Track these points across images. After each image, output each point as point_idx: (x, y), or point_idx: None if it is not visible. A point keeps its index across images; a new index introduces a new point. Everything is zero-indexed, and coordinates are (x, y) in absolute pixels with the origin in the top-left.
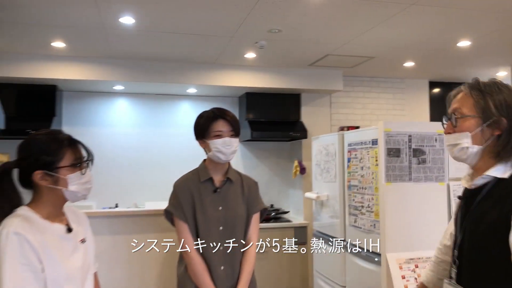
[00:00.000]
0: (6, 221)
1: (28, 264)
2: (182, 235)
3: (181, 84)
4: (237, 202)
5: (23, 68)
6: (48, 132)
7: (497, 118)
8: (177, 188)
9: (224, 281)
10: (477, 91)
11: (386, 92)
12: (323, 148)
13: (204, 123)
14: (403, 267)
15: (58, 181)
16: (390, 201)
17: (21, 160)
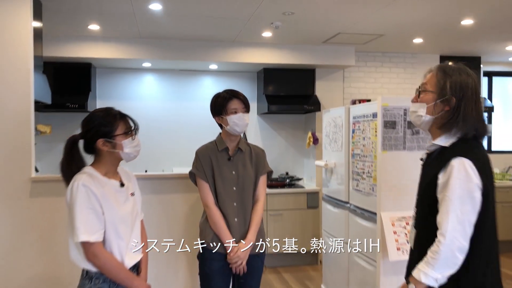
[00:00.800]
0: (76, 177)
1: (92, 208)
2: (204, 192)
3: (203, 61)
4: (247, 167)
5: (63, 48)
6: (103, 109)
7: (449, 97)
8: (199, 154)
9: (237, 229)
10: (442, 72)
11: (397, 66)
12: (332, 120)
13: (222, 102)
14: (395, 224)
15: (116, 146)
16: (386, 167)
17: (86, 132)
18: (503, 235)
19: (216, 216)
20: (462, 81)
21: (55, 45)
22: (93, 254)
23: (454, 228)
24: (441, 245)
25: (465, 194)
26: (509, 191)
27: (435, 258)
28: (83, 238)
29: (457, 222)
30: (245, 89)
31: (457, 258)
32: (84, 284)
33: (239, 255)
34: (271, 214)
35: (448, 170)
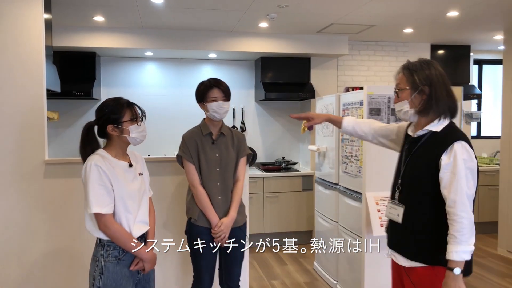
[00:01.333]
0: (90, 157)
1: (103, 184)
2: (190, 173)
3: (203, 50)
4: (229, 150)
5: (70, 38)
6: (114, 99)
7: (422, 88)
8: (186, 138)
9: (220, 206)
10: (408, 70)
11: (389, 55)
12: (324, 107)
13: (203, 90)
14: (379, 203)
15: (123, 131)
16: (371, 151)
17: (98, 119)
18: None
19: (202, 195)
20: (427, 72)
21: (62, 35)
22: (104, 224)
23: (466, 203)
24: (464, 219)
25: (468, 172)
26: (495, 174)
27: (464, 234)
28: (95, 210)
29: (466, 197)
30: (243, 77)
31: (474, 227)
32: (97, 250)
33: (222, 229)
34: (267, 196)
35: (452, 152)
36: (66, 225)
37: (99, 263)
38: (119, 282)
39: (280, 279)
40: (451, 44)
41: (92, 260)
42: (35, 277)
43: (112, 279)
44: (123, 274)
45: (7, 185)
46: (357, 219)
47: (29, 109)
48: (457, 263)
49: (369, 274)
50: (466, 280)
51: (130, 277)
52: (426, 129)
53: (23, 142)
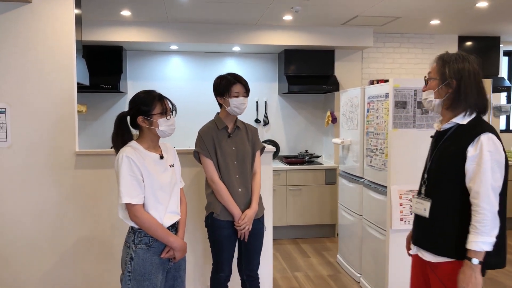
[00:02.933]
0: (122, 149)
1: (134, 176)
2: (209, 169)
3: (227, 43)
4: (244, 143)
5: (97, 32)
6: (146, 91)
7: (449, 80)
8: (202, 134)
9: (241, 198)
10: (441, 60)
11: (415, 47)
12: (348, 100)
13: (226, 84)
14: (402, 197)
15: (152, 123)
16: (396, 144)
17: (130, 109)
18: None
19: (223, 190)
20: (459, 66)
21: (90, 30)
22: (134, 214)
23: (490, 195)
24: (486, 211)
25: (495, 164)
26: None
27: (485, 225)
28: (126, 200)
29: (491, 189)
30: (266, 70)
31: (498, 219)
32: (129, 236)
33: (246, 222)
34: (290, 189)
35: (478, 144)
36: (96, 214)
37: (130, 249)
38: (148, 268)
39: (303, 271)
40: (479, 36)
41: (124, 246)
42: (67, 264)
43: (142, 265)
44: (153, 261)
45: (40, 175)
46: (381, 212)
47: (61, 102)
48: (476, 254)
49: (393, 267)
50: (494, 276)
51: (160, 264)
52: (452, 122)
53: (55, 134)
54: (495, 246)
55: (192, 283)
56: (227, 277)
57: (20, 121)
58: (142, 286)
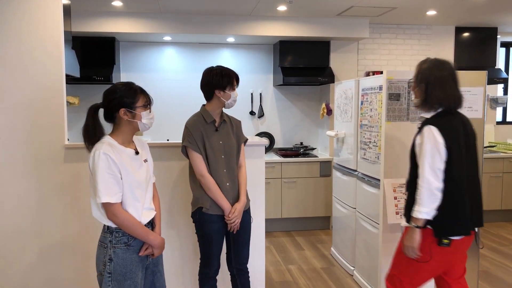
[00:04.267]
0: (97, 146)
1: (112, 173)
2: (198, 163)
3: (221, 34)
4: (230, 137)
5: (88, 23)
6: (125, 83)
7: (421, 84)
8: (190, 127)
9: (230, 192)
10: (418, 66)
11: (411, 38)
12: (343, 92)
13: (228, 78)
14: (396, 190)
15: (135, 116)
16: (389, 137)
17: (108, 102)
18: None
19: (212, 184)
20: (427, 72)
21: (81, 20)
22: (113, 213)
23: (426, 175)
24: (421, 187)
25: (434, 149)
26: None
27: (421, 198)
28: (105, 199)
29: (430, 169)
30: (261, 61)
31: (435, 195)
32: (105, 237)
33: (236, 215)
34: (285, 181)
35: (421, 135)
36: (86, 209)
37: (108, 250)
38: (129, 267)
39: (297, 264)
40: (477, 26)
41: (99, 246)
42: (55, 260)
43: (122, 265)
44: (133, 260)
45: (27, 169)
46: (375, 206)
47: (49, 94)
48: (415, 220)
49: (386, 261)
50: (487, 269)
51: (139, 262)
52: (421, 116)
53: (43, 127)
54: (447, 217)
55: (181, 279)
56: (216, 271)
57: (7, 114)
58: (123, 285)
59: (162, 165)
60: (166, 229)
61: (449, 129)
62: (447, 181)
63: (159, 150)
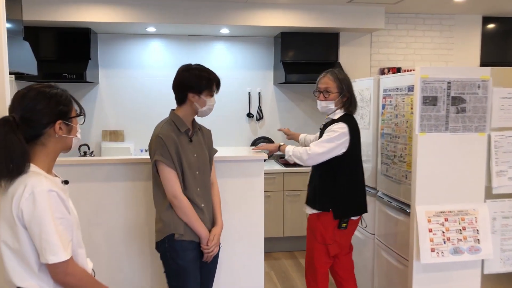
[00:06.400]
0: (27, 180)
1: (62, 217)
2: (172, 182)
3: (213, 24)
4: (203, 148)
5: (58, 11)
6: (45, 86)
7: (345, 93)
8: (164, 138)
9: (206, 215)
10: (337, 79)
11: (432, 29)
12: (357, 93)
13: (208, 81)
14: (431, 220)
15: (71, 130)
16: (423, 152)
17: (34, 112)
18: None
19: (188, 206)
20: (349, 82)
21: (49, 7)
22: (66, 272)
23: (316, 151)
24: (304, 154)
25: (335, 138)
26: None
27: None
28: (63, 256)
29: (319, 148)
30: (260, 56)
31: (302, 160)
32: None
33: (215, 242)
34: (287, 194)
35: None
36: None
37: None
38: None
39: None
40: (506, 16)
41: None
42: None
43: None
44: None
45: None
46: (401, 236)
47: None
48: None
49: None
50: None
51: None
52: (329, 118)
53: None
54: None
55: None
56: None
57: None
58: None
59: (122, 187)
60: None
61: (354, 127)
62: (349, 170)
63: (116, 168)
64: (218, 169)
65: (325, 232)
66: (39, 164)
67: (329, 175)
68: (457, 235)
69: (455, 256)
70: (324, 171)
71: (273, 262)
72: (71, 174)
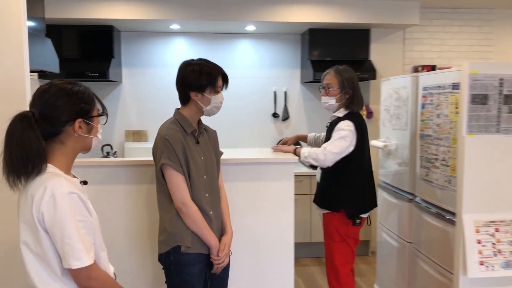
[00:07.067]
0: (47, 182)
1: (84, 220)
2: (180, 187)
3: (238, 21)
4: (209, 150)
5: (80, 8)
6: (70, 82)
7: (347, 90)
8: (171, 140)
9: (214, 223)
10: (339, 75)
11: (470, 25)
12: (393, 91)
13: (210, 76)
14: (480, 231)
15: (92, 130)
16: (470, 156)
17: (55, 109)
18: None
19: (197, 214)
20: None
21: (72, 5)
22: (90, 277)
23: (331, 150)
24: (320, 154)
25: (346, 136)
26: None
27: (314, 153)
28: (87, 261)
29: (333, 147)
30: (287, 54)
31: (319, 161)
32: None
33: (226, 252)
34: None
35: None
36: None
37: None
38: None
39: None
40: None
41: None
42: None
43: None
44: None
45: None
46: (445, 247)
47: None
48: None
49: None
50: None
51: None
52: (335, 115)
53: None
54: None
55: None
56: None
57: None
58: None
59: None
60: None
61: (360, 125)
62: (356, 168)
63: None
64: (243, 172)
65: (341, 230)
66: (57, 164)
67: (337, 175)
68: (509, 247)
69: (507, 270)
70: (331, 170)
71: (301, 269)
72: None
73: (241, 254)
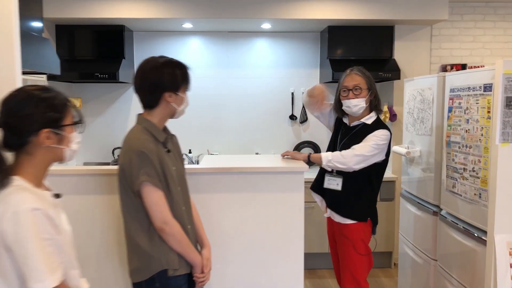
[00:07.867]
0: (8, 197)
1: (50, 238)
2: (161, 205)
3: (254, 19)
4: (178, 159)
5: (91, 7)
6: (41, 88)
7: (372, 90)
8: (148, 152)
9: (192, 237)
10: (365, 75)
11: (505, 20)
12: (417, 93)
13: (185, 75)
14: None
15: (63, 140)
16: (505, 167)
17: (18, 119)
18: None
19: (181, 232)
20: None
21: (81, 4)
22: None
23: (356, 155)
24: (353, 157)
25: (379, 143)
26: None
27: (338, 158)
28: (50, 283)
29: (360, 153)
30: (305, 53)
31: (343, 165)
32: None
33: (210, 267)
34: None
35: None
36: None
37: None
38: None
39: None
40: None
41: None
42: None
43: None
44: None
45: None
46: (473, 267)
47: None
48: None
49: None
50: None
51: None
52: (361, 121)
53: None
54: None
55: None
56: None
57: None
58: None
59: None
60: None
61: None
62: (380, 177)
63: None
64: (249, 182)
65: (367, 241)
66: (26, 176)
67: (363, 182)
68: None
69: None
70: (358, 177)
71: (317, 281)
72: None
73: (249, 266)
